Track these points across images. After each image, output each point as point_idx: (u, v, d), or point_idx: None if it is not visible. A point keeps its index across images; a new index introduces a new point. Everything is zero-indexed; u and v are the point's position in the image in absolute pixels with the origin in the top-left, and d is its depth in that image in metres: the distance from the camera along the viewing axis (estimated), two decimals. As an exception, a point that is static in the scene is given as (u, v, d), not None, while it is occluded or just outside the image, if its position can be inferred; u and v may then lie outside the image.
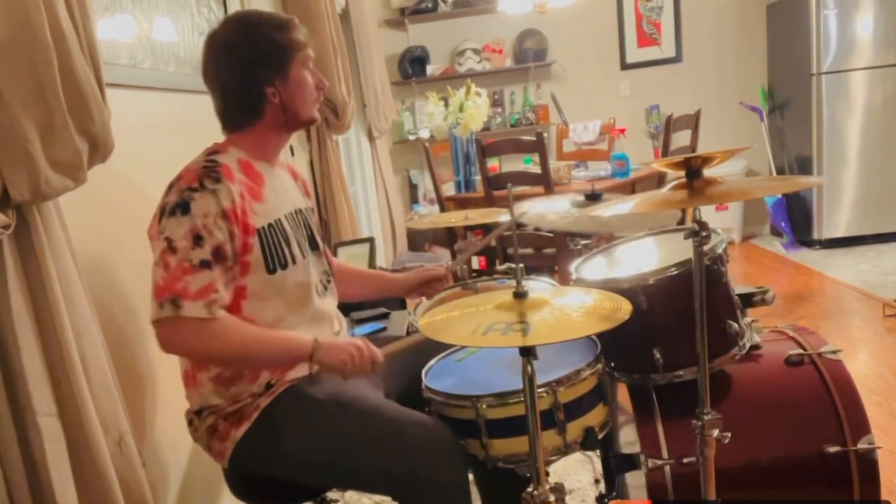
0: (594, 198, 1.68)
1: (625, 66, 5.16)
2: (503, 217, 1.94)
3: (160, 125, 1.74)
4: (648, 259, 1.56)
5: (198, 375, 1.31)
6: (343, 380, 1.34)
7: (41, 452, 1.03)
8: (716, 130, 4.85)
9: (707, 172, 1.18)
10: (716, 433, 1.20)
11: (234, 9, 2.26)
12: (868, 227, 4.54)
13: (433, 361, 1.48)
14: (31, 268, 1.05)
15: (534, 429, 1.07)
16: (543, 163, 2.92)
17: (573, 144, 4.13)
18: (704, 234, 1.16)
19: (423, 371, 1.43)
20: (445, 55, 5.24)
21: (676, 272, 1.32)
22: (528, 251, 3.26)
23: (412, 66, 5.12)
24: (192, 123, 1.44)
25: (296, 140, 2.93)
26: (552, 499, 1.09)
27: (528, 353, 1.03)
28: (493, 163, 3.54)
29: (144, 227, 1.29)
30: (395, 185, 4.64)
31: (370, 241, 2.79)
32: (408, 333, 2.08)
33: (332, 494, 1.88)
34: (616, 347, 1.38)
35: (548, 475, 1.12)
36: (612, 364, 1.39)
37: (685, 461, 1.29)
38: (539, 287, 1.60)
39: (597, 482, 2.03)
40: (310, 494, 1.44)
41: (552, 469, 2.12)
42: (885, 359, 2.79)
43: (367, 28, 4.03)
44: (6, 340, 1.02)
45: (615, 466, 1.51)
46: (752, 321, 1.45)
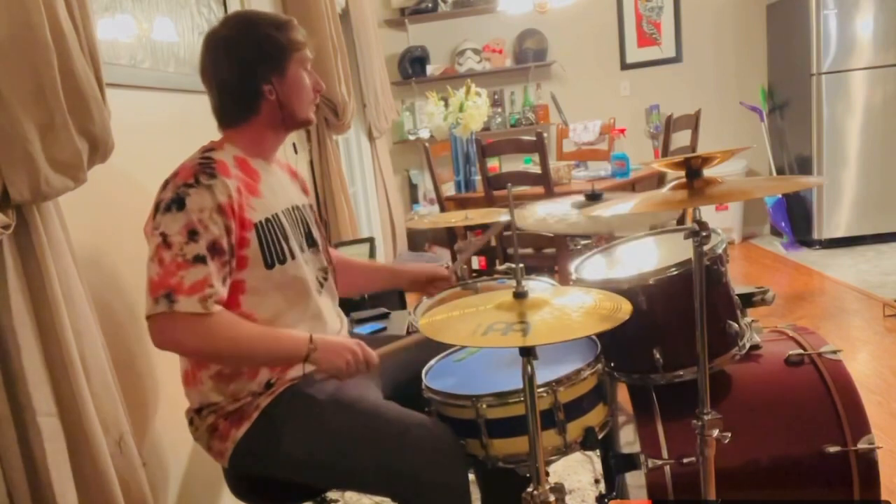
0: (594, 198, 1.68)
1: (625, 66, 5.16)
2: (503, 217, 1.94)
3: (160, 125, 1.74)
4: (648, 259, 1.56)
5: (197, 374, 1.31)
6: (338, 381, 1.34)
7: (41, 452, 1.03)
8: (716, 130, 4.85)
9: (707, 172, 1.18)
10: (716, 433, 1.20)
11: (234, 9, 2.27)
12: (868, 227, 4.54)
13: (433, 361, 1.48)
14: (31, 268, 1.05)
15: (534, 429, 1.07)
16: (543, 163, 2.92)
17: (573, 144, 4.13)
18: (704, 234, 1.16)
19: (423, 371, 1.43)
20: (445, 55, 5.24)
21: (676, 272, 1.32)
22: (528, 251, 3.26)
23: (412, 66, 5.12)
24: (192, 123, 1.44)
25: (295, 140, 2.93)
26: (552, 499, 1.09)
27: (528, 353, 1.03)
28: (493, 163, 3.54)
29: (143, 226, 1.29)
30: (395, 185, 4.63)
31: (370, 241, 2.80)
32: (408, 333, 2.08)
33: (332, 494, 1.88)
34: (616, 347, 1.38)
35: (548, 475, 1.11)
36: (612, 364, 1.39)
37: (685, 461, 1.29)
38: (539, 287, 1.59)
39: (597, 482, 2.03)
40: (310, 494, 1.44)
41: (552, 469, 2.12)
42: (885, 359, 2.79)
43: (367, 28, 4.03)
44: (6, 340, 1.02)
45: (615, 466, 1.51)
46: (752, 321, 1.45)
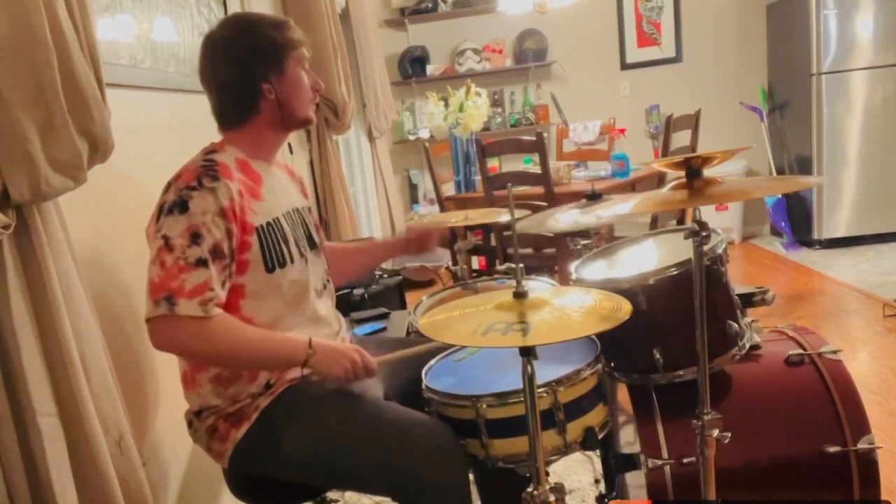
0: (594, 198, 1.68)
1: (625, 66, 5.16)
2: (503, 217, 1.94)
3: (160, 125, 1.74)
4: (648, 259, 1.56)
5: (196, 376, 1.31)
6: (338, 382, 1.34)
7: (41, 452, 1.03)
8: (716, 130, 4.85)
9: (707, 172, 1.18)
10: (716, 433, 1.20)
11: (234, 8, 2.27)
12: (868, 227, 4.54)
13: (433, 361, 1.48)
14: (31, 268, 1.05)
15: (534, 429, 1.07)
16: (543, 163, 2.92)
17: (573, 144, 4.13)
18: (704, 234, 1.16)
19: (423, 371, 1.43)
20: (445, 55, 5.24)
21: (676, 272, 1.32)
22: (528, 251, 3.26)
23: (412, 66, 5.12)
24: (192, 123, 1.44)
25: (295, 140, 2.93)
26: (552, 499, 1.08)
27: (528, 353, 1.03)
28: (493, 163, 3.54)
29: (144, 227, 1.29)
30: (395, 185, 4.63)
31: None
32: (407, 334, 2.08)
33: (332, 494, 1.88)
34: (616, 347, 1.37)
35: (548, 475, 1.11)
36: (612, 364, 1.39)
37: (685, 461, 1.29)
38: (539, 287, 1.59)
39: (597, 482, 2.03)
40: (310, 494, 1.44)
41: (552, 469, 2.12)
42: (885, 359, 2.78)
43: (367, 28, 4.03)
44: (6, 340, 1.02)
45: (615, 466, 1.51)
46: (752, 321, 1.45)
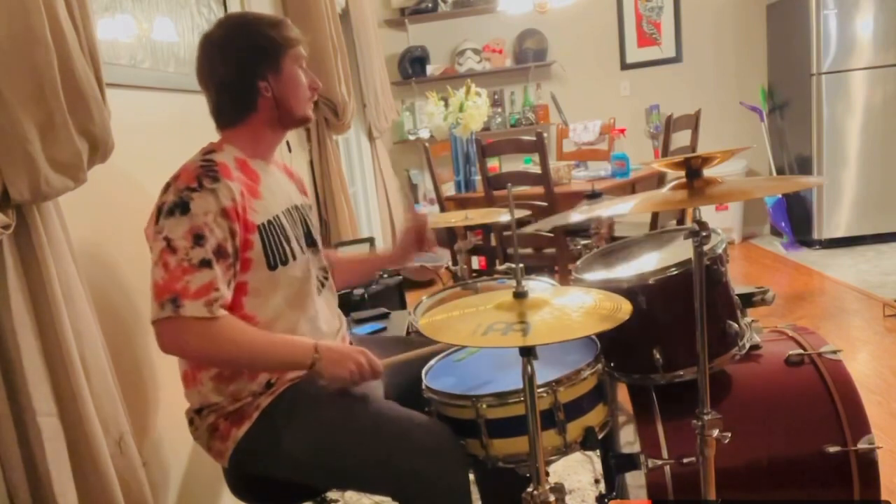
0: (594, 197, 1.68)
1: (625, 66, 5.16)
2: (503, 217, 1.94)
3: (160, 125, 1.74)
4: (648, 259, 1.56)
5: (197, 375, 1.31)
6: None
7: (41, 452, 1.03)
8: (716, 130, 4.85)
9: (707, 172, 1.18)
10: (716, 433, 1.20)
11: (234, 8, 2.27)
12: (868, 227, 4.54)
13: (433, 361, 1.48)
14: (31, 268, 1.05)
15: (534, 429, 1.07)
16: (543, 163, 2.92)
17: (573, 144, 4.13)
18: (704, 234, 1.16)
19: (423, 371, 1.43)
20: (445, 55, 5.24)
21: (676, 272, 1.32)
22: (528, 251, 3.26)
23: (412, 66, 5.12)
24: (192, 123, 1.44)
25: (295, 140, 2.93)
26: (552, 499, 1.08)
27: (528, 353, 1.03)
28: (493, 163, 3.54)
29: (144, 227, 1.29)
30: (395, 185, 4.63)
31: (370, 241, 2.80)
32: (407, 334, 2.08)
33: (332, 494, 1.88)
34: (616, 347, 1.37)
35: (548, 475, 1.11)
36: (612, 364, 1.39)
37: (685, 461, 1.29)
38: (539, 287, 1.59)
39: (597, 482, 2.03)
40: (310, 494, 1.44)
41: (552, 469, 2.12)
42: (885, 359, 2.78)
43: (367, 28, 4.03)
44: (6, 340, 1.02)
45: (615, 466, 1.51)
46: (752, 321, 1.45)
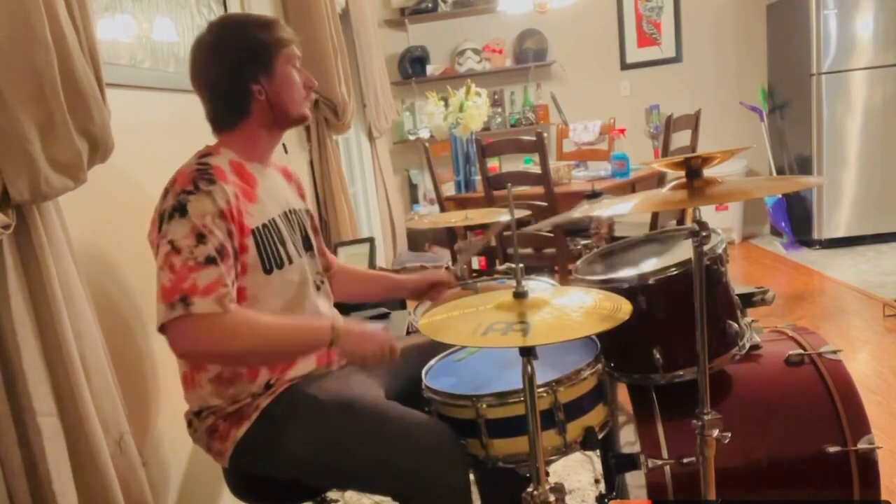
0: (594, 197, 1.68)
1: (625, 66, 5.16)
2: (503, 217, 1.94)
3: (160, 125, 1.74)
4: (648, 259, 1.56)
5: (196, 377, 1.31)
6: (340, 382, 1.35)
7: (41, 452, 1.03)
8: (716, 130, 4.85)
9: (707, 172, 1.18)
10: (716, 433, 1.20)
11: (234, 8, 2.27)
12: (868, 227, 4.54)
13: (433, 361, 1.48)
14: (31, 268, 1.05)
15: (534, 429, 1.07)
16: (543, 163, 2.92)
17: (573, 144, 4.13)
18: (704, 234, 1.16)
19: (423, 371, 1.43)
20: (445, 55, 5.24)
21: (676, 272, 1.32)
22: (528, 251, 3.26)
23: (412, 66, 5.12)
24: (192, 123, 1.44)
25: (295, 140, 2.93)
26: (552, 499, 1.08)
27: (528, 353, 1.03)
28: (493, 163, 3.54)
29: (144, 227, 1.29)
30: (395, 185, 4.63)
31: (370, 241, 2.79)
32: (408, 333, 2.08)
33: (332, 494, 1.88)
34: (616, 347, 1.38)
35: (548, 475, 1.11)
36: (612, 364, 1.39)
37: (685, 461, 1.29)
38: (539, 287, 1.59)
39: (597, 482, 2.03)
40: (310, 494, 1.44)
41: (552, 469, 2.12)
42: (885, 359, 2.78)
43: (367, 28, 4.03)
44: (6, 340, 1.02)
45: (615, 466, 1.51)
46: (752, 321, 1.45)
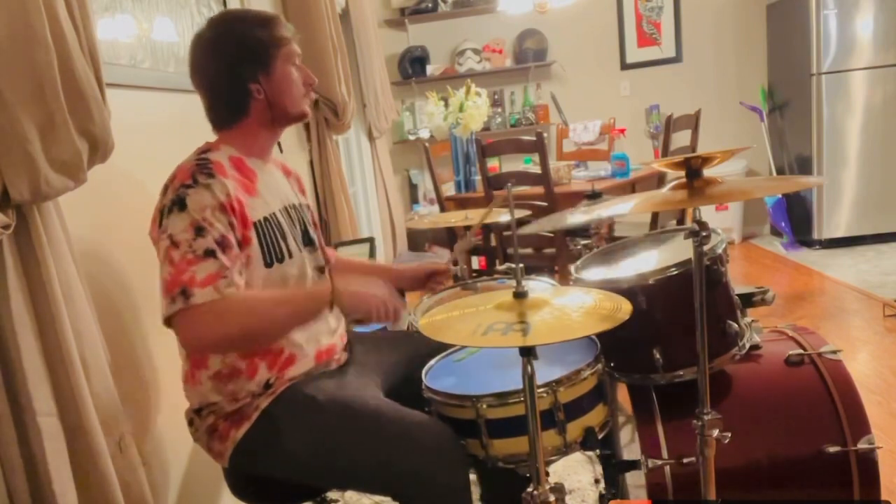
0: (594, 197, 1.68)
1: (625, 66, 5.16)
2: (503, 217, 1.94)
3: (160, 125, 1.74)
4: (648, 259, 1.56)
5: (196, 374, 1.31)
6: (339, 383, 1.35)
7: (41, 452, 1.03)
8: (716, 130, 4.85)
9: (707, 172, 1.18)
10: (716, 433, 1.20)
11: (234, 8, 2.26)
12: (868, 227, 4.54)
13: (433, 361, 1.48)
14: (31, 268, 1.06)
15: (534, 429, 1.07)
16: (543, 163, 2.92)
17: (573, 144, 4.13)
18: (704, 234, 1.16)
19: (423, 371, 1.43)
20: (445, 55, 5.24)
21: (676, 272, 1.32)
22: (528, 251, 3.26)
23: (412, 66, 5.12)
24: (192, 123, 1.44)
25: (295, 140, 2.93)
26: (552, 499, 1.09)
27: (528, 353, 1.03)
28: (493, 163, 3.54)
29: (144, 227, 1.29)
30: (395, 185, 4.63)
31: (370, 241, 2.80)
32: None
33: (332, 494, 1.87)
34: (616, 347, 1.38)
35: (548, 475, 1.11)
36: (612, 364, 1.39)
37: (685, 461, 1.29)
38: (539, 287, 1.59)
39: (597, 482, 2.03)
40: (310, 494, 1.44)
41: (552, 469, 2.12)
42: (885, 359, 2.78)
43: (367, 28, 4.02)
44: (6, 340, 1.02)
45: (615, 466, 1.51)
46: (752, 321, 1.45)
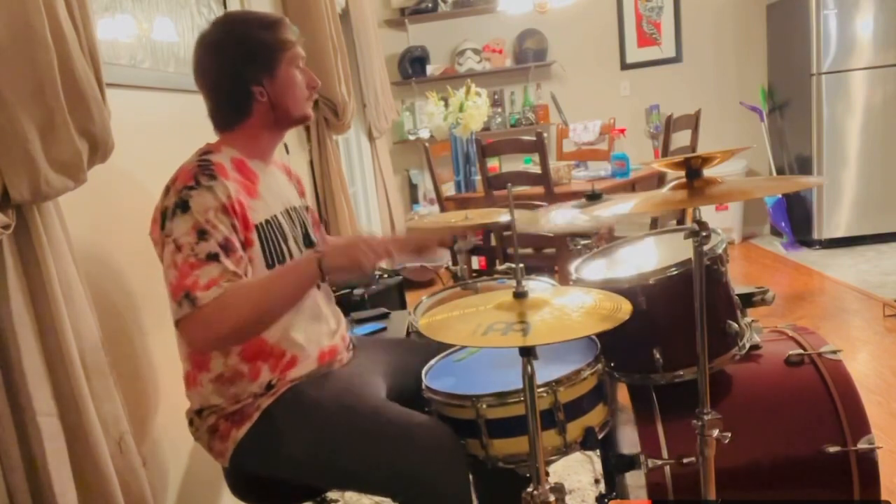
0: (594, 198, 1.68)
1: (625, 66, 5.16)
2: (503, 217, 1.94)
3: (160, 125, 1.74)
4: (648, 259, 1.56)
5: (198, 376, 1.32)
6: (342, 381, 1.34)
7: (41, 452, 1.03)
8: (716, 130, 4.85)
9: (707, 172, 1.18)
10: (716, 433, 1.20)
11: (234, 8, 2.26)
12: (868, 227, 4.54)
13: (433, 361, 1.48)
14: (31, 268, 1.05)
15: (534, 429, 1.07)
16: (543, 163, 2.92)
17: (573, 144, 4.13)
18: (704, 234, 1.16)
19: (423, 371, 1.43)
20: (445, 55, 5.24)
21: (676, 272, 1.32)
22: (528, 251, 3.26)
23: (412, 66, 5.12)
24: (192, 123, 1.44)
25: (295, 140, 2.93)
26: (552, 499, 1.08)
27: (528, 353, 1.03)
28: (493, 163, 3.54)
29: (144, 227, 1.29)
30: (395, 185, 4.63)
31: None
32: (408, 334, 2.08)
33: (332, 494, 1.88)
34: (616, 347, 1.37)
35: (548, 475, 1.11)
36: (612, 364, 1.39)
37: (685, 461, 1.29)
38: (539, 287, 1.59)
39: (597, 482, 2.03)
40: (310, 494, 1.44)
41: (552, 469, 2.12)
42: (885, 359, 2.79)
43: (367, 28, 4.03)
44: (6, 340, 1.02)
45: (615, 466, 1.51)
46: (752, 321, 1.45)
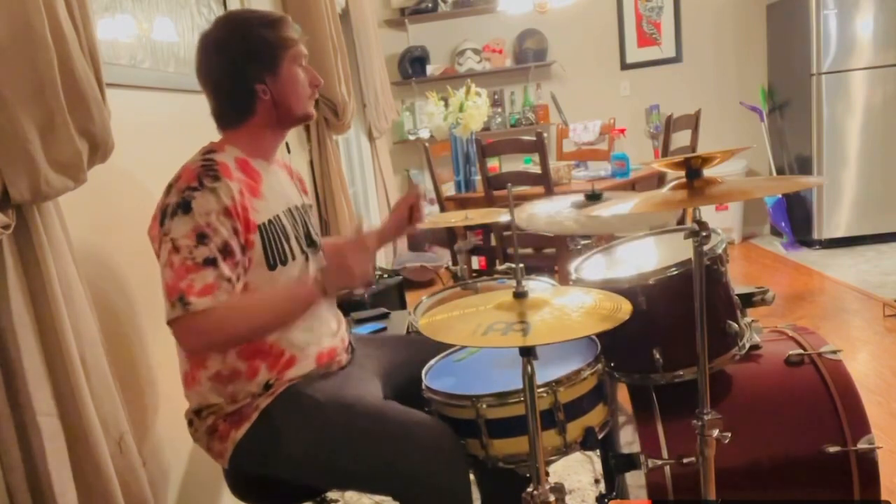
0: (594, 198, 1.68)
1: (625, 66, 5.16)
2: (503, 217, 1.94)
3: (160, 125, 1.74)
4: (648, 259, 1.56)
5: (196, 375, 1.32)
6: (338, 384, 1.35)
7: (41, 452, 1.03)
8: (716, 130, 4.85)
9: (707, 172, 1.18)
10: (716, 433, 1.20)
11: (234, 7, 2.26)
12: (868, 227, 4.54)
13: (433, 361, 1.48)
14: (31, 268, 1.05)
15: (534, 429, 1.07)
16: (543, 163, 2.92)
17: (573, 144, 4.13)
18: (704, 234, 1.16)
19: (423, 371, 1.43)
20: (445, 55, 5.24)
21: (676, 272, 1.32)
22: (528, 251, 3.26)
23: (412, 66, 5.12)
24: (192, 123, 1.44)
25: (295, 140, 2.93)
26: (552, 499, 1.09)
27: (528, 353, 1.03)
28: (493, 163, 3.54)
29: (144, 227, 1.29)
30: (395, 185, 4.63)
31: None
32: (408, 333, 2.08)
33: (332, 494, 1.88)
34: (616, 347, 1.38)
35: (548, 475, 1.11)
36: (612, 364, 1.39)
37: (685, 461, 1.29)
38: (539, 287, 1.59)
39: (597, 482, 2.03)
40: (310, 494, 1.44)
41: (552, 469, 2.12)
42: (885, 359, 2.79)
43: (367, 28, 4.03)
44: (6, 340, 1.02)
45: (615, 466, 1.51)
46: (752, 321, 1.45)
